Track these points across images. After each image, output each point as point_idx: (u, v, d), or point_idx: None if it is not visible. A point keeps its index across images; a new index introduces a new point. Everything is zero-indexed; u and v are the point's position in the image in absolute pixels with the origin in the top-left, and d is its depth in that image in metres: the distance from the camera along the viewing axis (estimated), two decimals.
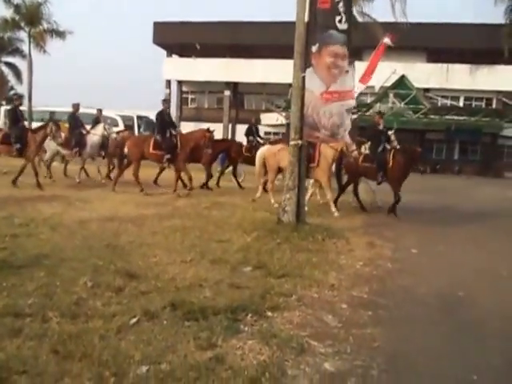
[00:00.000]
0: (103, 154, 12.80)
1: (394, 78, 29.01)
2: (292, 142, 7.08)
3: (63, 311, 3.39)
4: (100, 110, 13.34)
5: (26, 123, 10.94)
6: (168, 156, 10.66)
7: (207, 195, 10.72)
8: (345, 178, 10.36)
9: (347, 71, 6.78)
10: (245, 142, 13.64)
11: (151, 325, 3.28)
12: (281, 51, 21.88)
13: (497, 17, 21.80)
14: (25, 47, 29.91)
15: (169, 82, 38.37)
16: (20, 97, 10.81)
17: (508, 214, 10.51)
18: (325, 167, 9.20)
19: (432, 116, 27.44)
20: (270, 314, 3.65)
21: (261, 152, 10.32)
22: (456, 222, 8.62)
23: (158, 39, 37.36)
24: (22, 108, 10.97)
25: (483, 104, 33.72)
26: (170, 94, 38.48)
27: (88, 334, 3.04)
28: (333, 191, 9.37)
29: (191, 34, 34.81)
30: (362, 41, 16.19)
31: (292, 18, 7.09)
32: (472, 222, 8.61)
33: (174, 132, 11.00)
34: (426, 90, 31.61)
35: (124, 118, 24.70)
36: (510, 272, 5.53)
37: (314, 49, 6.71)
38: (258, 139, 13.74)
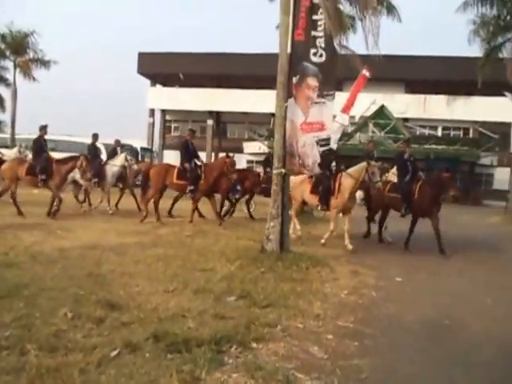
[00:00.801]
0: (120, 185, 12.80)
1: (374, 108, 29.84)
2: (275, 171, 7.12)
3: (42, 344, 3.27)
4: (118, 141, 13.34)
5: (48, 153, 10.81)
6: (191, 187, 10.55)
7: (194, 224, 10.60)
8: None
9: (316, 103, 6.91)
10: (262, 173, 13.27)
11: (133, 357, 3.19)
12: (262, 82, 22.33)
13: (472, 50, 22.59)
14: (9, 76, 29.99)
15: (152, 111, 38.69)
16: (45, 126, 10.66)
17: (489, 242, 10.66)
18: (342, 199, 8.60)
19: (412, 145, 27.99)
20: (254, 345, 3.58)
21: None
22: (432, 249, 8.64)
23: (143, 69, 37.88)
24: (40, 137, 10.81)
25: (461, 134, 34.71)
26: (153, 122, 38.75)
27: (67, 368, 2.93)
28: (335, 224, 8.68)
29: (175, 65, 35.46)
30: (343, 72, 16.61)
31: (271, 50, 7.27)
32: (454, 250, 8.69)
33: (198, 162, 10.92)
34: (405, 119, 32.48)
35: (107, 146, 24.62)
36: (494, 300, 5.56)
37: (295, 80, 6.85)
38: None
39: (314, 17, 6.91)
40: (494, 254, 9.12)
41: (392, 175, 10.29)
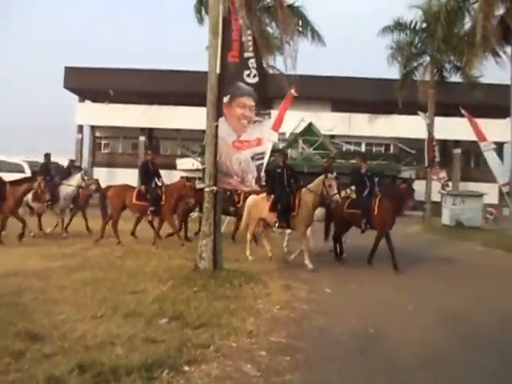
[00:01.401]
0: (71, 206, 12.16)
1: (303, 125, 30.95)
2: (207, 189, 7.13)
3: None
4: (72, 161, 12.98)
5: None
6: (152, 208, 10.25)
7: (124, 244, 10.26)
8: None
9: (255, 121, 7.06)
10: None
11: None
12: (195, 98, 22.33)
13: (392, 72, 24.22)
14: None
15: (81, 127, 37.22)
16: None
17: (410, 250, 11.29)
18: (304, 215, 8.52)
19: (338, 160, 29.26)
20: (187, 368, 3.52)
21: (249, 201, 9.62)
22: (365, 260, 9.05)
23: (69, 84, 36.38)
24: None
25: (382, 149, 36.87)
26: (82, 139, 37.26)
27: None
28: (307, 241, 8.71)
29: (104, 80, 34.49)
30: (274, 91, 17.14)
31: (203, 68, 7.34)
32: (379, 260, 9.14)
33: (159, 183, 10.59)
34: (332, 136, 33.95)
35: (31, 163, 23.31)
36: (415, 306, 5.91)
37: (226, 99, 6.94)
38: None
39: (244, 38, 7.08)
40: (416, 262, 9.68)
41: (352, 191, 10.17)
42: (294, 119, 29.02)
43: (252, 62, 6.99)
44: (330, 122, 33.71)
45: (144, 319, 4.63)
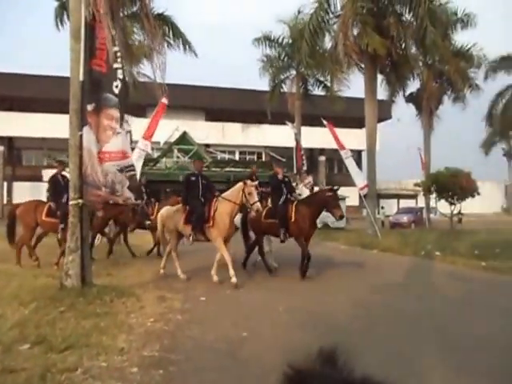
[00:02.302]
0: None
1: (177, 134, 30.92)
2: (72, 202, 6.74)
3: None
4: None
5: None
6: (62, 225, 9.00)
7: None
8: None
9: (118, 133, 6.89)
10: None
11: None
12: (60, 105, 20.84)
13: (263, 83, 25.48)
14: None
15: None
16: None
17: (283, 252, 11.88)
18: (220, 226, 7.90)
19: (214, 169, 29.75)
20: None
21: (162, 213, 8.97)
22: (239, 264, 9.26)
23: None
24: None
25: (255, 157, 38.48)
26: None
27: None
28: (226, 253, 7.82)
29: None
30: (147, 99, 16.85)
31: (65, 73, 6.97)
32: (253, 264, 9.51)
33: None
34: (207, 145, 34.47)
35: None
36: (285, 307, 6.25)
37: (90, 108, 6.65)
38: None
39: (112, 48, 6.86)
40: (289, 264, 10.18)
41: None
42: (169, 128, 28.84)
43: (119, 73, 6.81)
44: (205, 131, 34.22)
45: (1, 347, 4.21)
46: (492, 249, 11.86)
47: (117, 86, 6.73)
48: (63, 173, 9.89)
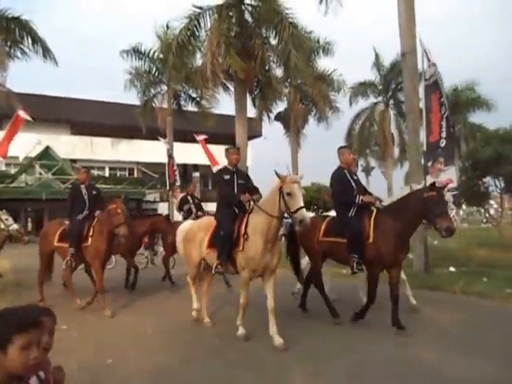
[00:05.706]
0: None
1: (39, 148, 28.53)
2: None
3: None
4: None
5: None
6: (72, 250, 7.13)
7: None
8: None
9: None
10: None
11: None
12: None
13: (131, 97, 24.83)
14: None
15: None
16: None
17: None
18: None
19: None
20: None
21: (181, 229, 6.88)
22: (120, 287, 8.80)
23: None
24: None
25: (126, 173, 37.16)
26: None
27: None
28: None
29: None
30: (2, 110, 15.28)
31: None
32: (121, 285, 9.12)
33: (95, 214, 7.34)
34: (73, 160, 32.27)
35: None
36: (153, 328, 6.08)
37: None
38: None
39: None
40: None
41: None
42: (30, 141, 26.44)
43: None
44: (70, 146, 32.16)
45: None
46: None
47: None
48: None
